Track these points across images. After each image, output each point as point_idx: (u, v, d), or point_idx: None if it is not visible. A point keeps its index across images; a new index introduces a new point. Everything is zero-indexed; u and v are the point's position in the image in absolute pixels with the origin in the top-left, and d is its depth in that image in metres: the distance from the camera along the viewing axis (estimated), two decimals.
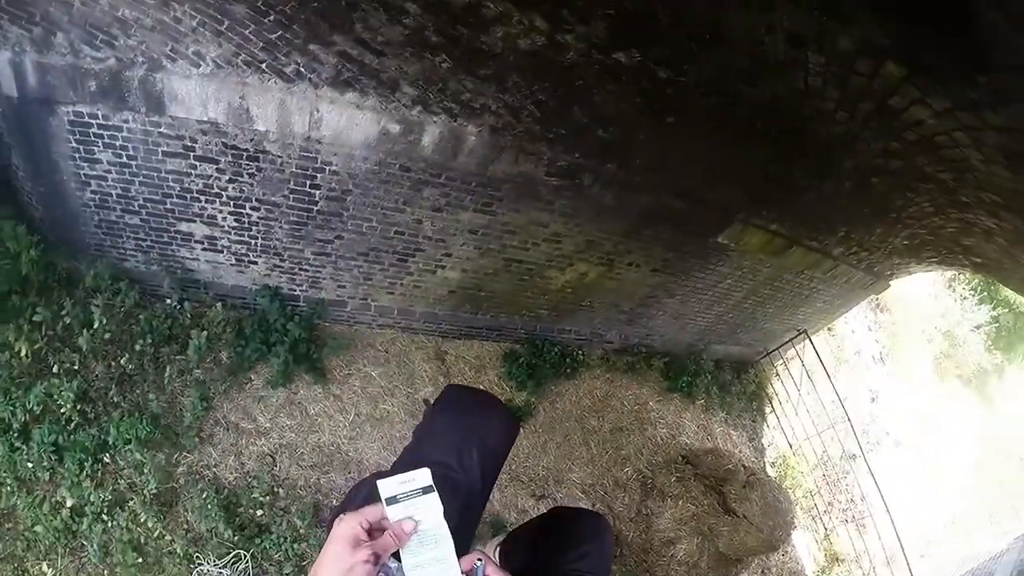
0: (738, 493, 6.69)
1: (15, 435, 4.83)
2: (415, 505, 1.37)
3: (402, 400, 6.37)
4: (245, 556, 5.11)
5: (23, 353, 4.91)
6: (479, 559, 1.38)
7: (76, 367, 5.17)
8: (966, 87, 2.33)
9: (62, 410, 4.95)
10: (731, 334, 9.05)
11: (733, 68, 3.73)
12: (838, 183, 5.24)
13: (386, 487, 1.36)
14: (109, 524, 4.89)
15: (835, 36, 2.74)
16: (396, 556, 1.35)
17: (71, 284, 5.35)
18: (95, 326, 5.15)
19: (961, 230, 5.03)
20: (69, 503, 4.85)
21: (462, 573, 1.35)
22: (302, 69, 4.15)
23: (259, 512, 5.33)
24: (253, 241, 5.42)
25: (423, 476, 1.39)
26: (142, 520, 4.95)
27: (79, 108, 4.33)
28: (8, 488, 4.78)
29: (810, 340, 9.38)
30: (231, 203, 5.04)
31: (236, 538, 5.13)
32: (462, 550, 1.40)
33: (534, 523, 2.67)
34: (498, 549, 2.65)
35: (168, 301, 5.64)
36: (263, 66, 4.12)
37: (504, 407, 1.92)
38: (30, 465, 4.81)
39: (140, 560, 4.86)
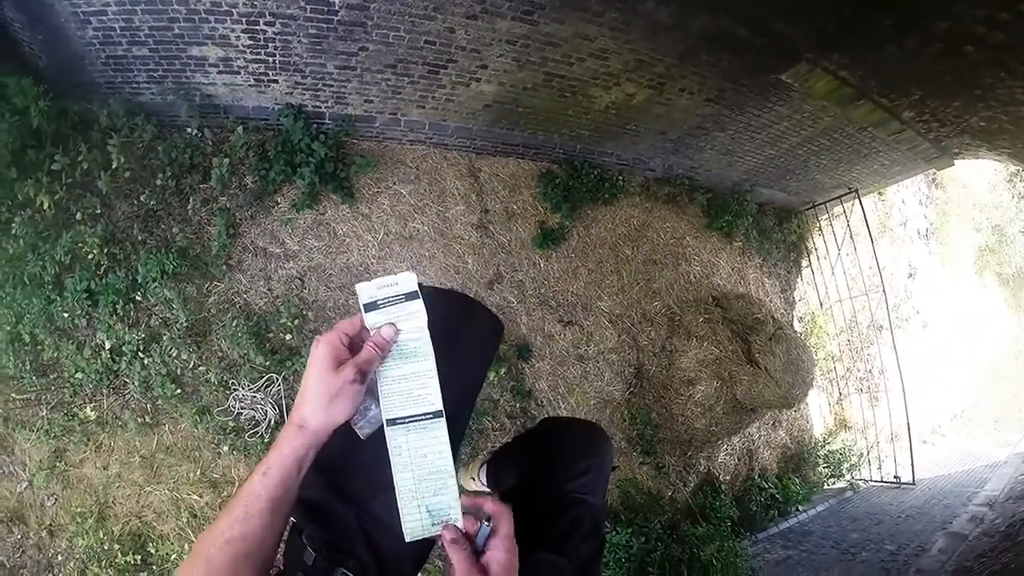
0: (763, 345, 6.67)
1: (49, 288, 4.89)
2: (397, 312, 1.24)
3: (432, 218, 6.26)
4: (277, 379, 5.29)
5: (46, 206, 4.86)
6: (487, 520, 1.22)
7: (99, 211, 5.13)
8: None
9: (90, 256, 4.96)
10: (779, 179, 8.64)
11: None
12: (925, 42, 4.66)
13: (364, 291, 1.24)
14: (146, 360, 5.05)
15: None
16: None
17: (86, 127, 5.16)
18: (114, 166, 5.02)
19: None
20: (107, 345, 4.99)
21: (462, 526, 1.22)
22: None
23: (288, 336, 5.45)
24: (271, 58, 5.06)
25: (407, 280, 1.25)
26: (177, 353, 5.12)
27: None
28: (49, 340, 4.92)
29: (860, 200, 8.97)
30: (243, 20, 4.64)
31: (268, 362, 5.29)
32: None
33: (525, 437, 2.47)
34: (484, 467, 2.48)
35: (188, 130, 5.44)
36: None
37: (485, 310, 1.65)
38: (66, 315, 4.91)
39: (179, 391, 5.08)
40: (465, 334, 1.52)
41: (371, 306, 1.24)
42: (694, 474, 7.19)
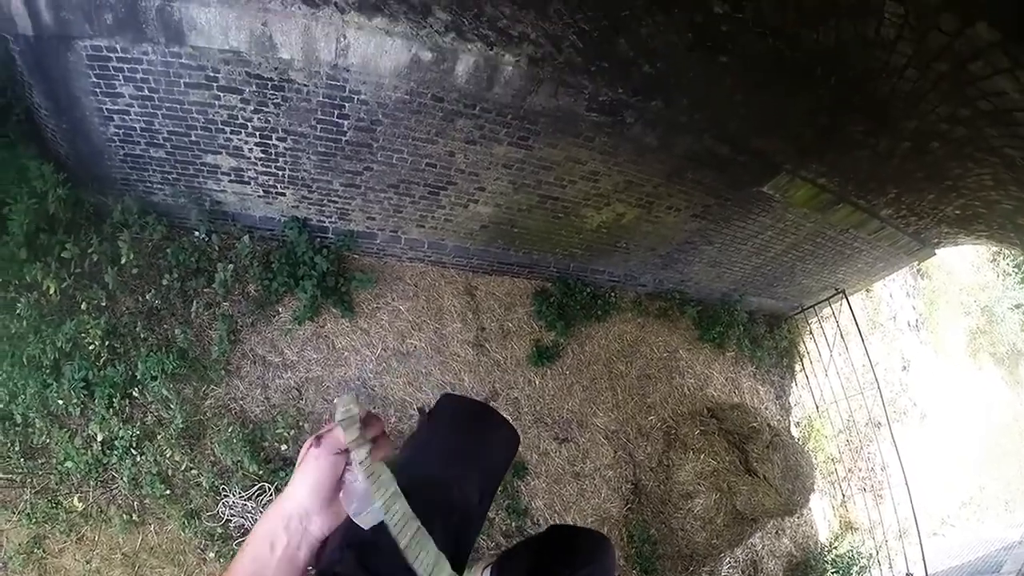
0: (760, 453, 6.65)
1: (46, 372, 4.93)
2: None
3: (429, 335, 6.35)
4: (270, 488, 5.24)
5: (52, 291, 4.96)
6: None
7: (104, 303, 5.24)
8: None
9: (91, 346, 5.02)
10: (767, 287, 8.83)
11: (797, 9, 3.44)
12: (895, 143, 4.92)
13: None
14: (138, 457, 5.03)
15: None
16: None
17: (98, 220, 5.35)
18: (123, 261, 5.16)
19: (1019, 209, 4.78)
20: (99, 437, 4.99)
21: None
22: None
23: (283, 446, 5.44)
24: (280, 172, 5.32)
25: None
26: (169, 453, 5.09)
27: (97, 42, 4.21)
28: (41, 424, 4.91)
29: (847, 300, 9.11)
30: (257, 134, 4.93)
31: (261, 471, 5.24)
32: (460, 568, 1.28)
33: (532, 540, 2.46)
34: (490, 568, 2.50)
35: (196, 234, 5.62)
36: None
37: (503, 420, 1.75)
38: (61, 401, 4.93)
39: (168, 492, 5.03)
40: (484, 438, 1.58)
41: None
42: None
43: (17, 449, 4.89)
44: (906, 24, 2.86)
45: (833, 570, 8.57)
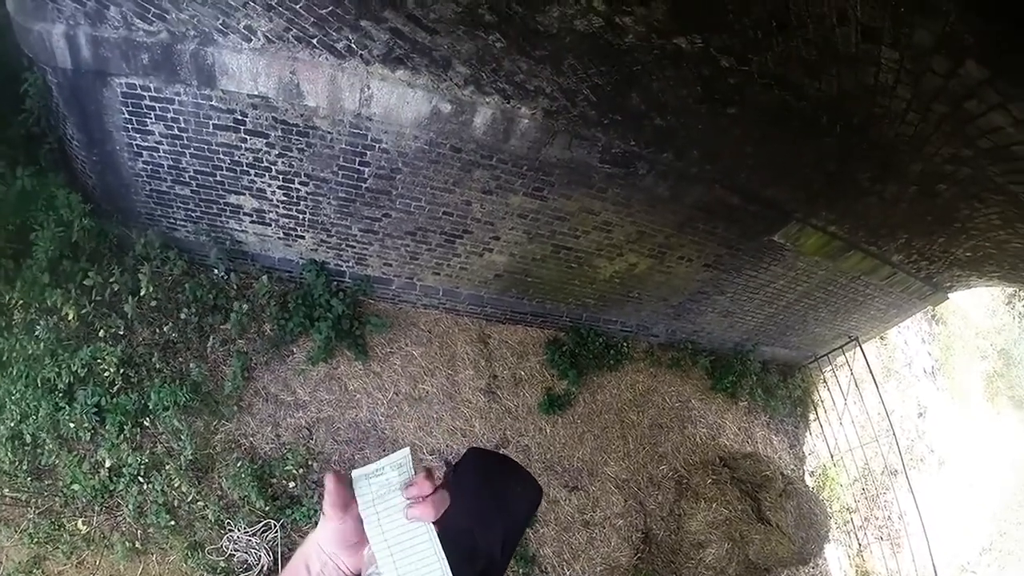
0: (773, 502, 6.55)
1: (60, 395, 5.01)
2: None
3: (442, 381, 6.39)
4: (275, 525, 5.24)
5: (71, 317, 5.07)
6: None
7: (122, 332, 5.34)
8: None
9: (106, 374, 5.11)
10: (780, 336, 8.80)
11: (800, 60, 3.54)
12: (902, 187, 4.97)
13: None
14: (145, 486, 5.06)
15: (912, 30, 2.55)
16: None
17: (121, 251, 5.50)
18: (142, 293, 5.28)
19: None
20: (108, 464, 5.03)
21: None
22: (353, 45, 4.12)
23: (291, 484, 5.45)
24: (301, 215, 5.47)
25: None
26: (177, 484, 5.10)
27: (132, 80, 4.42)
28: (50, 446, 4.96)
29: (861, 348, 9.05)
30: (280, 177, 5.10)
31: (268, 508, 5.25)
32: None
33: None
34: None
35: (215, 271, 5.75)
36: (314, 41, 4.12)
37: (527, 473, 1.81)
38: (72, 425, 5.00)
39: (173, 523, 5.04)
40: (508, 491, 1.60)
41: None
42: None
43: (25, 468, 4.94)
44: (902, 69, 2.92)
45: None
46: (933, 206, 5.11)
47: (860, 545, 9.38)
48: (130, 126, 4.73)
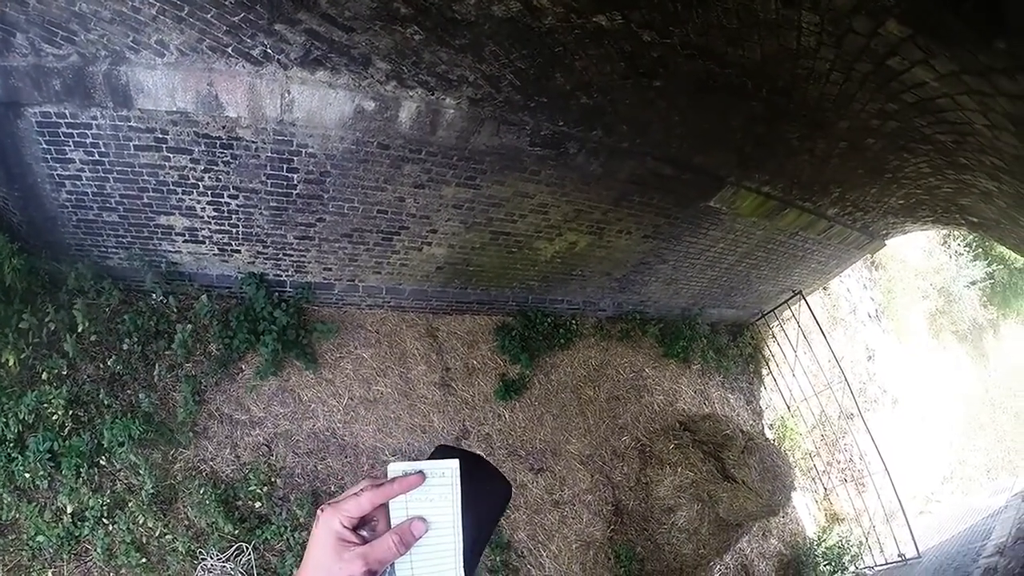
0: (736, 459, 6.73)
1: (10, 446, 4.79)
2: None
3: (395, 380, 6.32)
4: (247, 548, 5.12)
5: (11, 363, 4.84)
6: None
7: (65, 372, 5.12)
8: (977, 51, 2.19)
9: (54, 417, 4.90)
10: (726, 297, 9.01)
11: (721, 29, 3.57)
12: (831, 144, 5.11)
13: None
14: (111, 527, 4.88)
15: None
16: None
17: (54, 288, 5.24)
18: (80, 329, 5.06)
19: (958, 190, 4.94)
20: (69, 509, 4.84)
21: None
22: (269, 50, 3.98)
23: (257, 504, 5.33)
24: (234, 229, 5.30)
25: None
26: (142, 521, 4.95)
27: (46, 108, 4.20)
28: (7, 500, 4.75)
29: (805, 301, 9.36)
30: (208, 192, 4.92)
31: (237, 531, 5.13)
32: None
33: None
34: None
35: (153, 296, 5.54)
36: (229, 50, 3.96)
37: (496, 471, 1.79)
38: (27, 475, 4.78)
39: (144, 560, 4.88)
40: (478, 491, 1.59)
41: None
42: None
43: None
44: (824, 31, 2.98)
45: (825, 562, 8.66)
46: (863, 159, 5.27)
47: (826, 489, 9.79)
48: (49, 156, 4.49)
